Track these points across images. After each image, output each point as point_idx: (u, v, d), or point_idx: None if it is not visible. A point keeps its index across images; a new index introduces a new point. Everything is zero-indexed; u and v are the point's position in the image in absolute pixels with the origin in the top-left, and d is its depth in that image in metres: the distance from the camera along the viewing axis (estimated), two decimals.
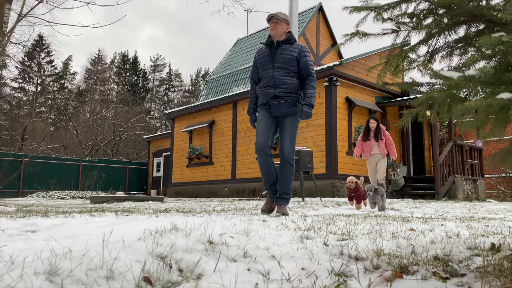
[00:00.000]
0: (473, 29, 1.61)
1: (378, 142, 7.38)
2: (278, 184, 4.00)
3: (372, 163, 7.63)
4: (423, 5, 1.65)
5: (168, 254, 1.27)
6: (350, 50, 64.18)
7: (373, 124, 7.53)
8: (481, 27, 1.57)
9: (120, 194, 15.37)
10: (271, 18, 4.00)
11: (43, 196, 14.38)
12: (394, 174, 7.31)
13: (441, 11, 1.61)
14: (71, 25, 9.68)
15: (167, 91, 51.49)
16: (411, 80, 1.70)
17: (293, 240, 1.69)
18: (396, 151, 13.57)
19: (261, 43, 4.21)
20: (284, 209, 3.90)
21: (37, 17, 7.34)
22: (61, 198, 13.89)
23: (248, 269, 1.29)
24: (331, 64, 11.36)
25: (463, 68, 1.58)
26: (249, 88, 13.98)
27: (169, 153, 18.87)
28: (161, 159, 20.91)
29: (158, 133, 22.49)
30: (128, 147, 33.21)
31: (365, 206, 6.11)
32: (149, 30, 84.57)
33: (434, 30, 1.64)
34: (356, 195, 6.02)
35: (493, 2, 1.54)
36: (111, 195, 11.20)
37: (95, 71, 46.87)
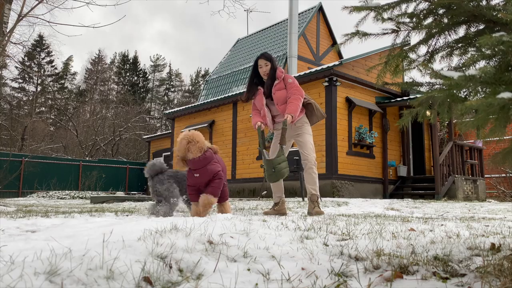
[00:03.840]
0: (473, 29, 1.61)
1: (273, 99, 3.90)
2: None
3: (276, 144, 4.03)
4: (423, 5, 1.65)
5: (168, 254, 1.27)
6: (350, 50, 64.23)
7: (265, 67, 3.90)
8: (481, 27, 1.57)
9: (120, 194, 15.37)
10: None
11: (43, 196, 14.38)
12: (263, 153, 3.83)
13: (441, 11, 1.61)
14: (71, 25, 9.72)
15: (167, 91, 51.52)
16: (411, 80, 1.71)
17: (293, 240, 1.69)
18: (396, 151, 13.12)
19: None
20: None
21: (37, 17, 7.36)
22: (61, 198, 13.89)
23: (248, 269, 1.29)
24: (331, 64, 11.36)
25: (463, 68, 1.58)
26: None
27: (169, 153, 18.87)
28: (161, 159, 20.90)
29: (158, 133, 22.49)
30: (128, 147, 33.22)
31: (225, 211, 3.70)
32: (157, 24, 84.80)
33: (434, 30, 1.65)
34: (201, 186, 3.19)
35: (493, 2, 1.54)
36: (111, 195, 11.20)
37: (95, 71, 46.92)
